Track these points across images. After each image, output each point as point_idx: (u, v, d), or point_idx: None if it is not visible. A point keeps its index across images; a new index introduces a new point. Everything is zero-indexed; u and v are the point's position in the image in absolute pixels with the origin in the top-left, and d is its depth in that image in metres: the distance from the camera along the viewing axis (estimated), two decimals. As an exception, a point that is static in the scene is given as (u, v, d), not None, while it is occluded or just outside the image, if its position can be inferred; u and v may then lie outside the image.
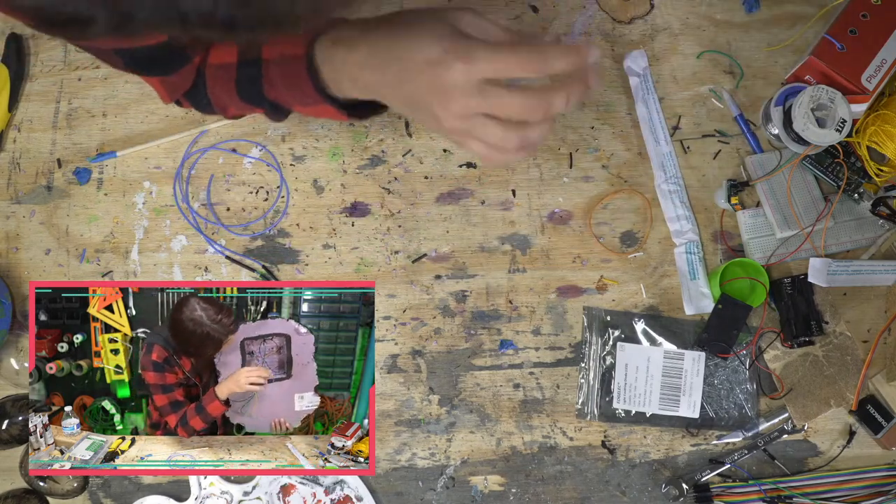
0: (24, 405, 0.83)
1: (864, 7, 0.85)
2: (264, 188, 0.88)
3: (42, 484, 0.83)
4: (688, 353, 0.86)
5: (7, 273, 0.87)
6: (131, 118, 0.89)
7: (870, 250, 0.87)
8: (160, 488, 0.84)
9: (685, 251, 0.87)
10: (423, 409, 0.86)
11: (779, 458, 0.85)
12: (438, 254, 0.88)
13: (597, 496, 0.85)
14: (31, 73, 0.89)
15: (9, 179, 0.88)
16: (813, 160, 0.87)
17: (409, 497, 0.85)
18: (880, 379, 0.85)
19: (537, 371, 0.86)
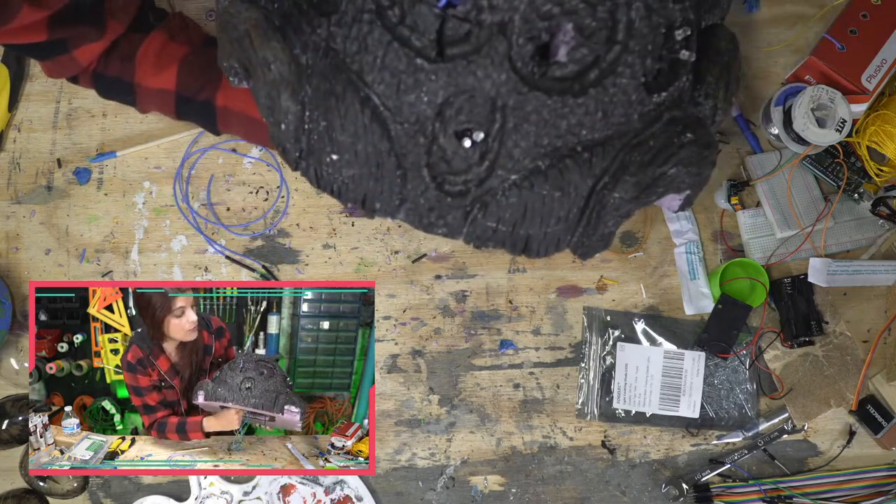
0: (24, 405, 0.83)
1: (864, 7, 0.85)
2: (264, 188, 0.88)
3: (42, 484, 0.83)
4: (688, 353, 0.86)
5: (7, 273, 0.87)
6: (131, 118, 0.89)
7: (870, 250, 0.87)
8: (160, 488, 0.84)
9: (685, 251, 0.87)
10: (423, 409, 0.86)
11: (779, 458, 0.85)
12: (438, 254, 0.88)
13: (597, 496, 0.85)
14: (31, 73, 0.89)
15: (9, 179, 0.88)
16: (813, 160, 0.87)
17: (409, 497, 0.85)
18: (880, 379, 0.85)
19: (537, 371, 0.86)
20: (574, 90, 0.56)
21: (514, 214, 0.59)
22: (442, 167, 0.58)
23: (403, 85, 0.56)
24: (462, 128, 0.57)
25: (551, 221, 0.60)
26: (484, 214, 0.59)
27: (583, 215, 0.60)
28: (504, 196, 0.58)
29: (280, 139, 0.60)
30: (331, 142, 0.58)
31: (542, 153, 0.58)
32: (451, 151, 0.57)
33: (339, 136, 0.58)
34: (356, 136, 0.57)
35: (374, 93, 0.57)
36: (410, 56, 0.56)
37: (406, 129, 0.57)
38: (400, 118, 0.57)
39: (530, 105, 0.56)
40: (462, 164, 0.58)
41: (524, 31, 0.55)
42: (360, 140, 0.57)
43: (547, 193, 0.58)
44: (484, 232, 0.60)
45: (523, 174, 0.58)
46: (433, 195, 0.59)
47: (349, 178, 0.59)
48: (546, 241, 0.61)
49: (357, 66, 0.57)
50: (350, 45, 0.57)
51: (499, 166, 0.57)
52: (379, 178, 0.59)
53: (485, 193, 0.59)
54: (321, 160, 0.59)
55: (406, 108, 0.57)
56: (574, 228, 0.61)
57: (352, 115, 0.57)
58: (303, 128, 0.58)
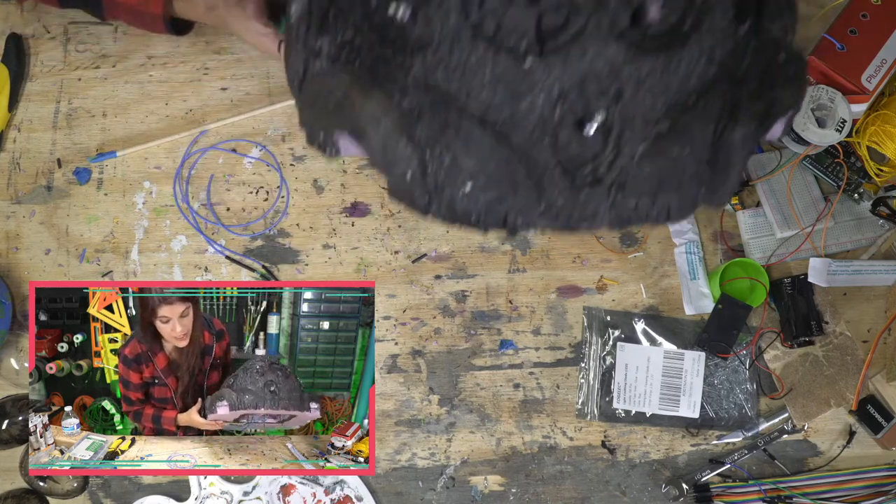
0: (24, 405, 0.83)
1: (864, 7, 0.85)
2: (264, 188, 0.88)
3: (42, 484, 0.83)
4: (688, 353, 0.86)
5: (7, 273, 0.87)
6: (131, 118, 0.89)
7: (870, 250, 0.87)
8: (160, 488, 0.84)
9: (685, 251, 0.87)
10: (423, 409, 0.86)
11: (779, 458, 0.85)
12: (438, 254, 0.88)
13: (597, 496, 0.85)
14: (31, 73, 0.89)
15: (9, 179, 0.88)
16: (813, 160, 0.87)
17: (409, 497, 0.85)
18: (880, 379, 0.85)
19: (537, 371, 0.86)
20: (676, 43, 0.56)
21: (651, 185, 0.58)
22: (572, 162, 0.57)
23: (516, 93, 0.56)
24: (581, 116, 0.56)
25: (685, 179, 0.59)
26: (623, 196, 0.58)
27: (712, 163, 0.60)
28: (637, 170, 0.57)
29: (407, 189, 0.58)
30: (461, 172, 0.57)
31: (661, 115, 0.57)
32: (576, 143, 0.56)
33: (467, 164, 0.57)
34: (484, 160, 0.57)
35: (489, 111, 0.56)
36: (518, 61, 0.55)
37: (529, 135, 0.57)
38: (521, 127, 0.56)
39: (642, 70, 0.55)
40: (590, 153, 0.56)
41: (617, 0, 0.54)
42: (489, 162, 0.57)
43: (676, 153, 0.58)
44: (626, 213, 0.59)
45: (649, 143, 0.57)
46: (570, 193, 0.58)
47: (487, 203, 0.58)
48: (684, 202, 0.60)
49: (465, 90, 0.56)
50: (452, 74, 0.56)
51: (624, 143, 0.56)
52: (515, 192, 0.58)
53: (619, 174, 0.57)
54: (454, 194, 0.58)
55: (524, 115, 0.56)
56: (706, 179, 0.60)
57: (474, 139, 0.57)
58: (426, 170, 0.57)
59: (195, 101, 0.89)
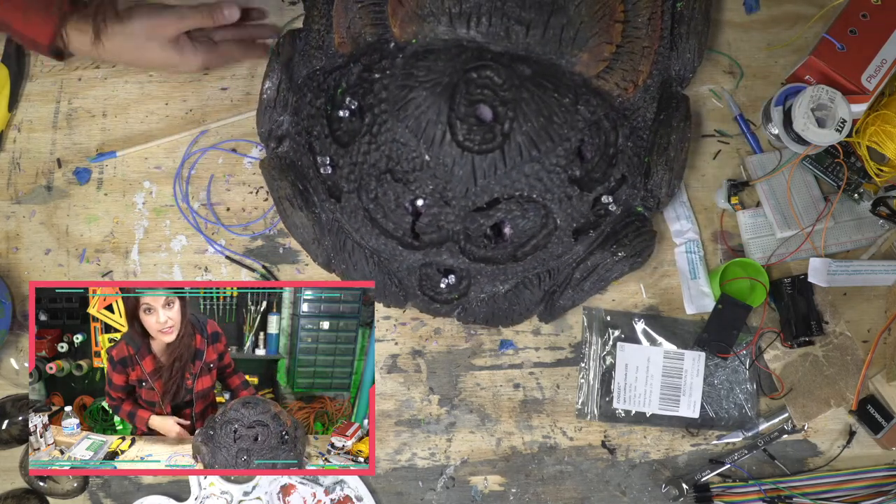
0: (24, 405, 0.83)
1: (864, 7, 0.85)
2: (264, 188, 0.88)
3: (42, 484, 0.83)
4: (688, 353, 0.86)
5: (7, 273, 0.87)
6: (131, 118, 0.89)
7: (870, 250, 0.87)
8: (160, 488, 0.85)
9: (685, 251, 0.87)
10: (423, 409, 0.86)
11: (779, 458, 0.85)
12: (438, 254, 0.88)
13: (597, 496, 0.85)
14: (31, 73, 0.89)
15: (9, 179, 0.88)
16: (813, 160, 0.87)
17: (409, 497, 0.85)
18: (880, 379, 0.85)
19: (537, 371, 0.87)
20: (516, 257, 0.79)
21: (486, 313, 0.82)
22: (431, 292, 0.81)
23: (393, 254, 0.79)
24: (441, 273, 0.80)
25: (515, 313, 0.82)
26: (466, 312, 0.82)
27: (542, 304, 0.83)
28: (478, 305, 0.82)
29: (322, 265, 0.84)
30: (352, 273, 0.82)
31: (501, 285, 0.81)
32: (436, 282, 0.80)
33: (354, 275, 0.82)
34: (367, 275, 0.81)
35: (376, 251, 0.80)
36: (393, 244, 0.78)
37: (402, 272, 0.81)
38: (396, 266, 0.80)
39: (483, 271, 0.79)
40: (445, 290, 0.81)
41: (466, 231, 0.77)
42: (370, 277, 0.81)
43: (508, 305, 0.82)
44: (468, 317, 0.82)
45: (489, 294, 0.81)
46: (428, 304, 0.81)
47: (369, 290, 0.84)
48: (516, 320, 0.84)
49: (360, 236, 0.79)
50: (352, 225, 0.79)
51: (471, 292, 0.81)
52: (388, 295, 0.82)
53: (465, 302, 0.82)
54: (347, 275, 0.83)
55: (398, 264, 0.80)
56: (537, 309, 0.83)
57: (360, 264, 0.81)
58: (331, 264, 0.83)
59: (195, 101, 0.89)
